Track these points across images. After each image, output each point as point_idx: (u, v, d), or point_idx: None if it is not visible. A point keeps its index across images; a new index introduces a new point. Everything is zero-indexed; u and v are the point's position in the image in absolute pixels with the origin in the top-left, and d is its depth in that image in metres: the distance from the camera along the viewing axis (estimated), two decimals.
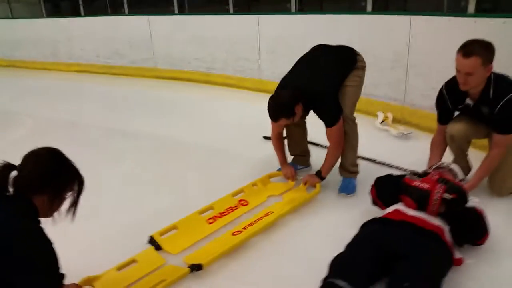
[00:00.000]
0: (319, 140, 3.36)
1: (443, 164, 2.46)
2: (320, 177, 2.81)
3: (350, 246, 1.96)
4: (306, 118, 3.03)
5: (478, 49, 2.25)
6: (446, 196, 2.04)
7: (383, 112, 4.17)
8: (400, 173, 2.56)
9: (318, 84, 2.64)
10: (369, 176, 2.68)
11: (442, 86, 2.63)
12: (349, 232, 2.08)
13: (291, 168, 2.97)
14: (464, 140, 2.66)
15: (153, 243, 2.30)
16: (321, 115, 2.66)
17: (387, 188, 2.34)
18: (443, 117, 2.68)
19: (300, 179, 2.94)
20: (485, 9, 3.75)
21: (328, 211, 2.67)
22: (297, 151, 3.18)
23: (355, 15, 4.37)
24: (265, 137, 3.69)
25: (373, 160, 3.29)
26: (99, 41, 7.14)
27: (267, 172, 3.06)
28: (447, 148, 2.74)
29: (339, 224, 2.47)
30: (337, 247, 1.97)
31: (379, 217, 2.18)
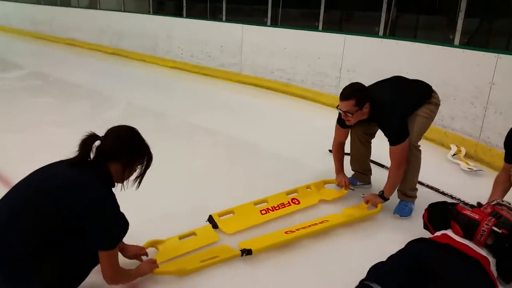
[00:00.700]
0: (384, 161, 3.44)
1: (502, 201, 2.45)
2: (383, 198, 2.87)
3: (391, 257, 2.07)
4: (372, 140, 3.15)
5: None
6: (495, 229, 2.07)
7: (456, 146, 4.12)
8: (455, 202, 2.59)
9: (391, 99, 2.77)
10: (428, 203, 2.67)
11: None
12: (395, 249, 2.16)
13: (346, 178, 3.10)
14: None
15: (212, 221, 2.62)
16: (386, 131, 2.75)
17: (438, 213, 2.39)
18: (510, 156, 2.65)
19: (362, 196, 3.03)
20: None
21: (378, 229, 2.77)
22: (357, 167, 3.29)
23: (442, 46, 4.37)
24: (330, 150, 3.83)
25: (436, 189, 3.30)
26: (195, 42, 7.71)
27: None
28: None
29: (386, 242, 2.55)
30: (379, 261, 2.06)
31: (426, 238, 2.25)
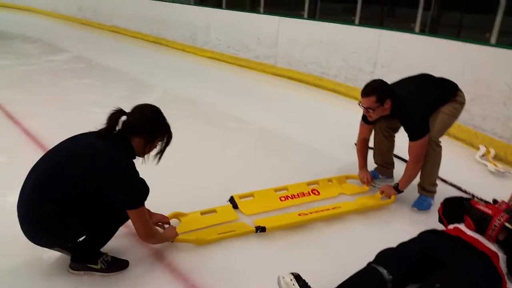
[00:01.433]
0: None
1: None
2: (397, 190, 2.93)
3: (401, 244, 2.14)
4: (395, 135, 3.20)
5: None
6: (507, 225, 2.09)
7: (485, 147, 4.07)
8: (470, 197, 2.61)
9: (413, 95, 2.81)
10: None
11: None
12: (407, 239, 2.19)
13: (368, 174, 3.15)
14: None
15: (232, 202, 2.78)
16: (406, 126, 2.80)
17: (453, 207, 2.41)
18: None
19: (377, 187, 3.10)
20: None
21: (393, 219, 2.83)
22: (380, 161, 3.34)
23: (477, 44, 4.30)
24: (356, 144, 3.88)
25: (458, 188, 3.30)
26: (233, 34, 7.85)
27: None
28: None
29: (399, 232, 2.54)
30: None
31: (439, 229, 2.29)
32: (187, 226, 2.44)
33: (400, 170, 3.29)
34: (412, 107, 2.77)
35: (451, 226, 2.32)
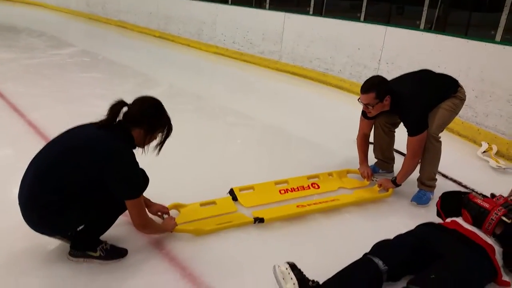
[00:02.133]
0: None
1: None
2: (395, 183, 2.95)
3: (397, 236, 2.15)
4: (396, 130, 3.20)
5: None
6: (504, 218, 2.09)
7: (488, 143, 4.05)
8: (468, 191, 2.61)
9: (412, 91, 2.81)
10: None
11: None
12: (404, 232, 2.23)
13: (369, 169, 3.15)
14: None
15: (232, 194, 2.79)
16: (405, 122, 2.81)
17: (451, 201, 2.43)
18: None
19: (376, 181, 3.11)
20: None
21: (392, 212, 2.84)
22: (380, 156, 3.34)
23: (482, 42, 4.28)
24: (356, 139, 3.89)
25: (458, 183, 3.30)
26: (238, 29, 7.88)
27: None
28: None
29: (397, 225, 2.57)
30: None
31: (436, 222, 2.30)
32: (186, 217, 2.46)
33: (400, 165, 3.31)
34: (412, 103, 2.77)
35: (448, 220, 2.33)
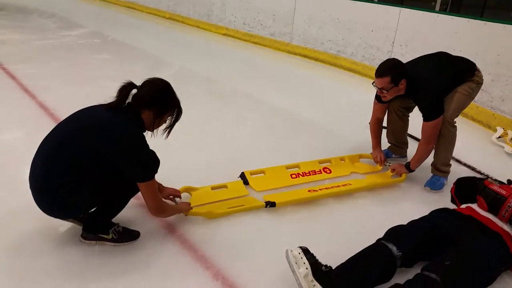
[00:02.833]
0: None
1: None
2: (409, 169, 2.90)
3: (411, 221, 2.13)
4: (410, 115, 3.14)
5: None
6: None
7: (503, 128, 3.97)
8: (484, 178, 2.57)
9: (428, 75, 2.74)
10: None
11: None
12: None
13: (381, 153, 3.11)
14: None
15: (243, 178, 2.78)
16: (421, 106, 2.75)
17: (466, 187, 2.39)
18: None
19: (388, 165, 3.07)
20: None
21: (405, 198, 2.81)
22: (393, 141, 3.29)
23: (501, 24, 4.15)
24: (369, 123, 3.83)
25: (473, 168, 3.25)
26: (248, 11, 7.75)
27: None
28: None
29: (410, 211, 2.54)
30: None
31: (450, 208, 2.27)
32: (197, 200, 2.46)
33: (414, 150, 3.25)
34: (428, 87, 2.70)
35: (463, 206, 2.30)
